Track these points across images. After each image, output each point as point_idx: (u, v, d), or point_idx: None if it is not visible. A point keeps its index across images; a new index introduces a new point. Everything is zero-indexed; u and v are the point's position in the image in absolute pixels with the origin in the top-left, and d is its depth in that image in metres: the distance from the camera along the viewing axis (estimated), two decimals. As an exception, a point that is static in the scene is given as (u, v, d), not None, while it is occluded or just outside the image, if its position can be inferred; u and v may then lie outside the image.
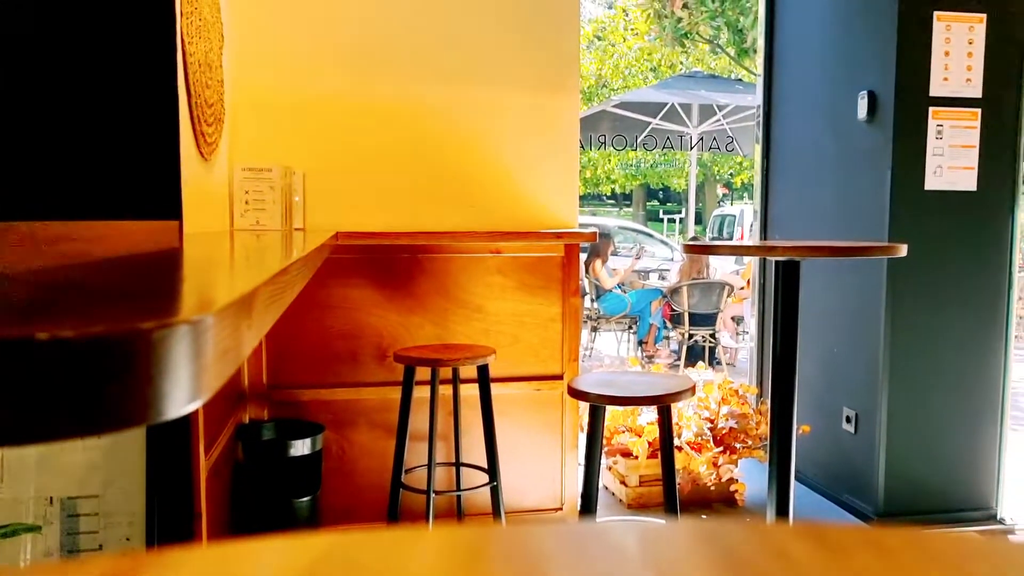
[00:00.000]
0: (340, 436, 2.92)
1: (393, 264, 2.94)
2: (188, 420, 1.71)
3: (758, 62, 4.08)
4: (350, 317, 2.92)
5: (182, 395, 0.32)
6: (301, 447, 2.58)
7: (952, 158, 3.09)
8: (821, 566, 0.19)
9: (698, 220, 21.21)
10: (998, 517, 3.24)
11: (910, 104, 3.06)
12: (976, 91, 3.08)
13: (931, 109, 3.06)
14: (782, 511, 2.29)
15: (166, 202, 1.56)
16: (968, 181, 3.11)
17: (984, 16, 3.06)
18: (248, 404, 2.85)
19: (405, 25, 2.95)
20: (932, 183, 3.09)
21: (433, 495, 2.59)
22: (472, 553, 0.19)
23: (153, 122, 1.58)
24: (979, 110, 3.09)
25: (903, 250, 2.15)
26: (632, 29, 15.20)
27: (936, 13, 3.04)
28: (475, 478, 2.88)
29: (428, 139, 2.99)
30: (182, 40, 1.66)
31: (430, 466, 2.57)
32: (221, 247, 1.33)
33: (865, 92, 3.17)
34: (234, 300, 0.38)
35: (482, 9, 3.00)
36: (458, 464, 2.94)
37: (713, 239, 15.82)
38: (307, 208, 2.83)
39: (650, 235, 13.16)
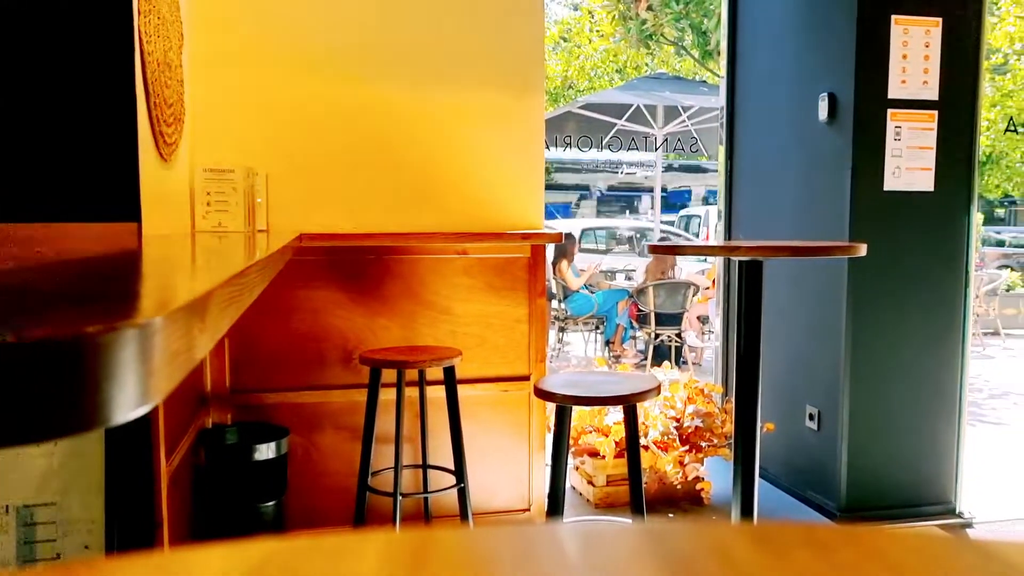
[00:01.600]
0: (306, 439, 2.89)
1: (359, 266, 2.92)
2: (148, 425, 1.69)
3: (721, 64, 4.12)
4: (315, 319, 2.89)
5: (130, 399, 0.31)
6: (266, 451, 2.55)
7: (910, 159, 3.15)
8: (761, 564, 0.19)
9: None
10: (957, 511, 3.31)
11: (869, 106, 3.11)
12: (933, 93, 3.15)
13: (890, 111, 3.12)
14: (747, 508, 2.31)
15: (124, 203, 1.53)
16: (926, 182, 3.17)
17: (940, 20, 3.13)
18: (211, 408, 2.81)
19: (368, 25, 2.94)
20: (891, 184, 3.14)
21: (400, 498, 2.57)
22: (414, 557, 0.19)
23: (111, 122, 1.55)
24: (936, 112, 3.15)
25: (863, 250, 2.18)
26: (598, 30, 15.28)
27: (894, 17, 3.09)
28: (443, 480, 2.87)
29: (393, 140, 2.98)
30: (140, 39, 1.63)
31: (397, 469, 2.56)
32: (180, 249, 1.31)
33: (825, 94, 3.22)
34: (185, 303, 0.37)
35: (447, 10, 2.99)
36: (425, 466, 2.93)
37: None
38: (271, 210, 2.80)
39: (615, 230, 13.26)
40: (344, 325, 2.91)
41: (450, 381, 2.64)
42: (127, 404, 0.31)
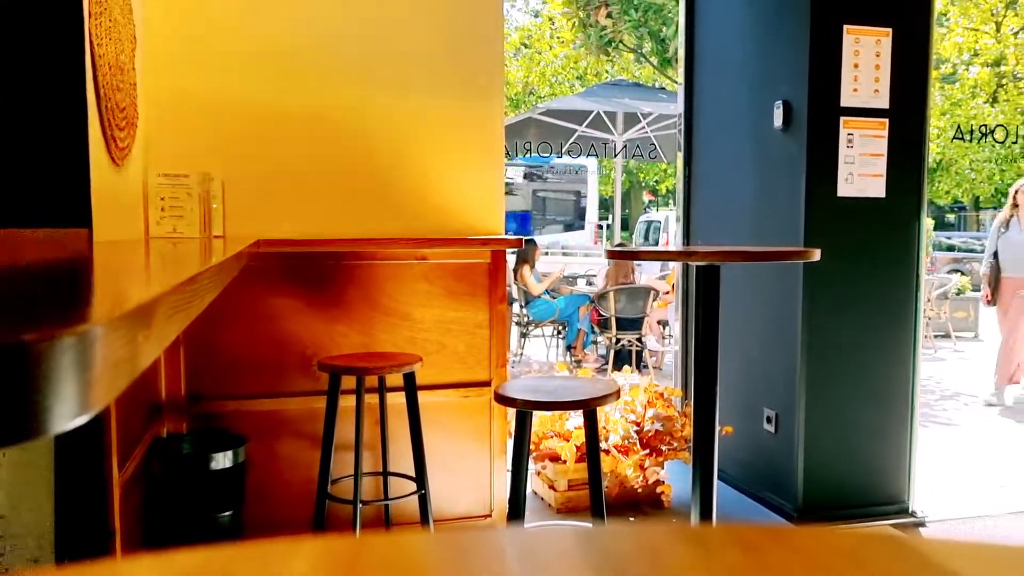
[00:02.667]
0: (264, 448, 2.86)
1: (317, 272, 2.89)
2: (100, 434, 1.65)
3: (679, 72, 4.17)
4: (273, 326, 2.86)
5: (69, 409, 0.31)
6: (222, 460, 2.52)
7: (862, 166, 3.21)
8: (690, 565, 0.19)
9: (625, 226, 21.53)
10: (910, 510, 3.37)
11: (822, 114, 3.17)
12: (884, 102, 3.22)
13: (842, 119, 3.18)
14: (705, 511, 2.33)
15: (74, 209, 1.50)
16: (877, 188, 3.24)
17: (890, 30, 3.20)
18: (166, 417, 2.76)
19: (326, 31, 2.92)
20: (844, 190, 3.21)
21: (360, 505, 2.55)
22: (347, 564, 0.19)
23: (60, 126, 1.52)
24: (887, 120, 3.23)
25: (817, 255, 2.22)
26: (558, 37, 15.37)
27: (846, 27, 3.16)
28: (403, 487, 2.85)
29: (352, 146, 2.96)
30: (91, 42, 1.60)
31: (357, 476, 2.54)
32: (130, 255, 1.28)
33: (780, 102, 3.27)
34: (128, 311, 0.37)
35: (405, 16, 2.99)
36: (386, 473, 2.91)
37: (640, 245, 16.09)
38: (227, 215, 2.76)
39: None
40: (303, 332, 2.88)
41: (410, 387, 2.63)
42: (66, 413, 0.31)
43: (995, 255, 5.85)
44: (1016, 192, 5.82)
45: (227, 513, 2.54)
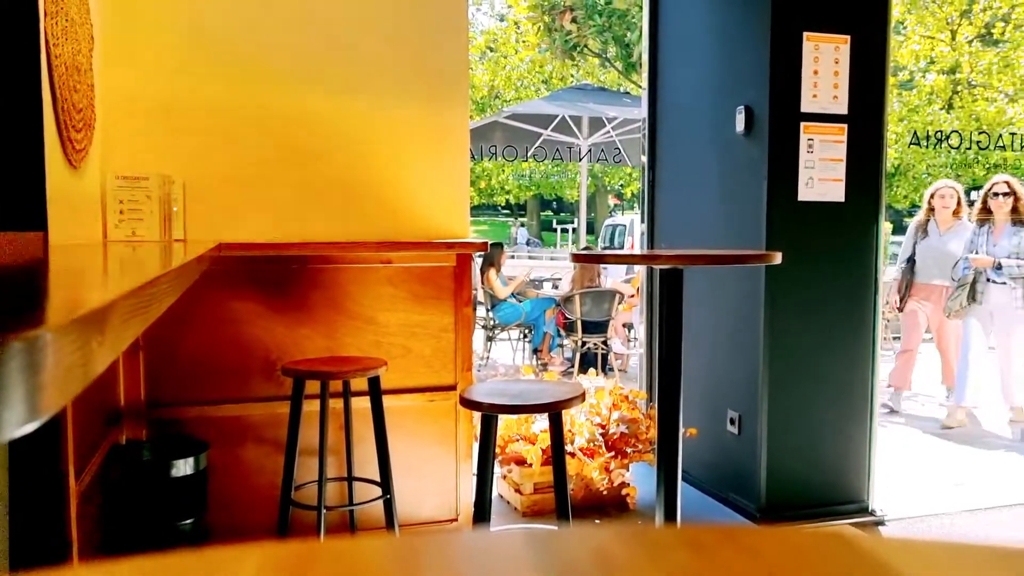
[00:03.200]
0: (227, 454, 2.82)
1: (281, 275, 2.87)
2: (56, 442, 1.62)
3: (643, 76, 4.20)
4: (236, 330, 2.83)
5: (18, 415, 0.30)
6: (183, 467, 2.48)
7: (822, 171, 3.26)
8: (638, 567, 0.19)
9: (591, 230, 21.65)
10: (869, 509, 3.43)
11: (783, 119, 3.21)
12: (843, 108, 3.27)
13: (803, 124, 3.23)
14: (670, 512, 2.35)
15: (29, 212, 1.47)
16: (837, 192, 3.30)
17: (848, 38, 3.26)
18: (125, 424, 2.72)
19: (289, 33, 2.90)
20: (805, 194, 3.26)
21: (324, 511, 2.53)
22: (295, 570, 0.19)
23: (15, 128, 1.49)
24: (846, 126, 3.28)
25: (778, 258, 2.25)
26: (523, 41, 15.41)
27: (806, 34, 3.21)
28: (369, 492, 2.84)
29: (316, 148, 2.94)
30: (47, 42, 1.57)
31: (321, 481, 2.51)
32: (87, 259, 1.26)
33: (742, 107, 3.32)
34: (79, 316, 0.36)
35: (369, 18, 2.98)
36: (350, 478, 2.89)
37: (605, 248, 16.17)
38: (188, 218, 2.73)
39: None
40: (266, 336, 2.85)
41: (375, 391, 2.61)
42: (15, 419, 0.30)
43: (909, 260, 5.58)
44: (931, 196, 5.55)
45: (188, 521, 2.50)
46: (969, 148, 16.08)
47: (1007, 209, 5.13)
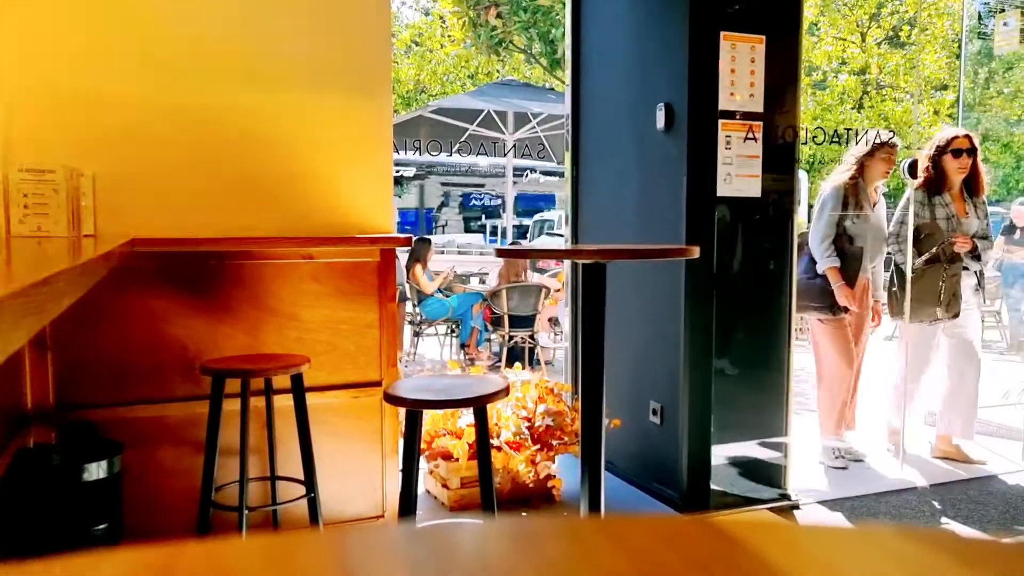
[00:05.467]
0: (143, 456, 2.73)
1: (199, 272, 2.79)
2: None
3: (566, 73, 4.24)
4: (151, 328, 2.74)
5: None
6: (96, 470, 2.39)
7: (739, 167, 3.35)
8: (512, 559, 0.20)
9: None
10: (786, 494, 3.55)
11: (701, 116, 3.29)
12: (758, 106, 3.37)
13: (720, 121, 3.31)
14: (594, 503, 2.39)
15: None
16: (754, 188, 3.39)
17: (763, 38, 3.35)
18: (34, 427, 2.61)
19: (206, 22, 2.82)
20: (723, 190, 3.34)
21: (246, 511, 2.48)
22: (159, 573, 0.19)
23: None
24: (761, 123, 3.38)
25: (696, 252, 2.31)
26: (449, 36, 15.35)
27: (722, 33, 3.29)
28: (293, 491, 2.79)
29: (235, 142, 2.87)
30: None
31: (242, 481, 2.46)
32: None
33: (663, 104, 3.38)
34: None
35: (289, 9, 2.92)
36: (273, 478, 2.84)
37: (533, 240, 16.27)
38: (101, 213, 2.63)
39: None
40: (183, 334, 2.77)
41: (298, 389, 2.57)
42: None
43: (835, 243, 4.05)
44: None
45: (102, 526, 2.42)
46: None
47: (964, 175, 4.00)
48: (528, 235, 18.25)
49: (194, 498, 2.63)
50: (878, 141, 4.05)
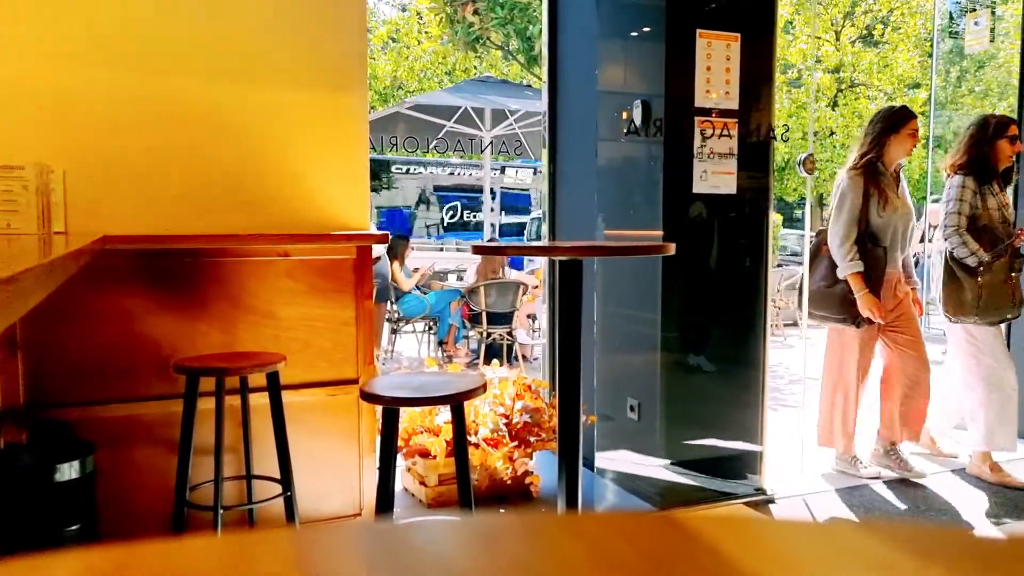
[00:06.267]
0: (117, 456, 2.70)
1: (173, 270, 2.76)
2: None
3: (543, 70, 4.24)
4: (126, 327, 2.71)
5: None
6: (68, 471, 2.36)
7: (715, 164, 3.38)
8: (470, 557, 0.20)
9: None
10: (761, 489, 3.58)
11: (678, 114, 3.31)
12: (734, 103, 3.39)
13: (696, 119, 3.33)
14: (571, 499, 2.39)
15: None
16: (729, 185, 3.42)
17: (739, 36, 3.38)
18: (3, 427, 2.57)
19: (179, 16, 2.79)
20: (699, 187, 3.36)
21: (221, 511, 2.46)
22: (113, 573, 0.19)
23: None
24: (737, 120, 3.40)
25: (672, 249, 2.32)
26: (426, 32, 15.30)
27: (699, 31, 3.31)
28: (269, 490, 2.78)
29: (209, 138, 2.84)
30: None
31: (217, 480, 2.45)
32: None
33: (639, 101, 3.39)
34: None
35: (262, 6, 2.89)
36: (249, 476, 2.82)
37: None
38: (72, 210, 2.59)
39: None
40: (157, 332, 2.74)
41: (274, 387, 2.56)
42: None
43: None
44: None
45: (75, 527, 2.39)
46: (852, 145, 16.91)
47: (1011, 163, 3.73)
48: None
49: (169, 498, 2.61)
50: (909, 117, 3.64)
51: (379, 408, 2.80)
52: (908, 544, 0.20)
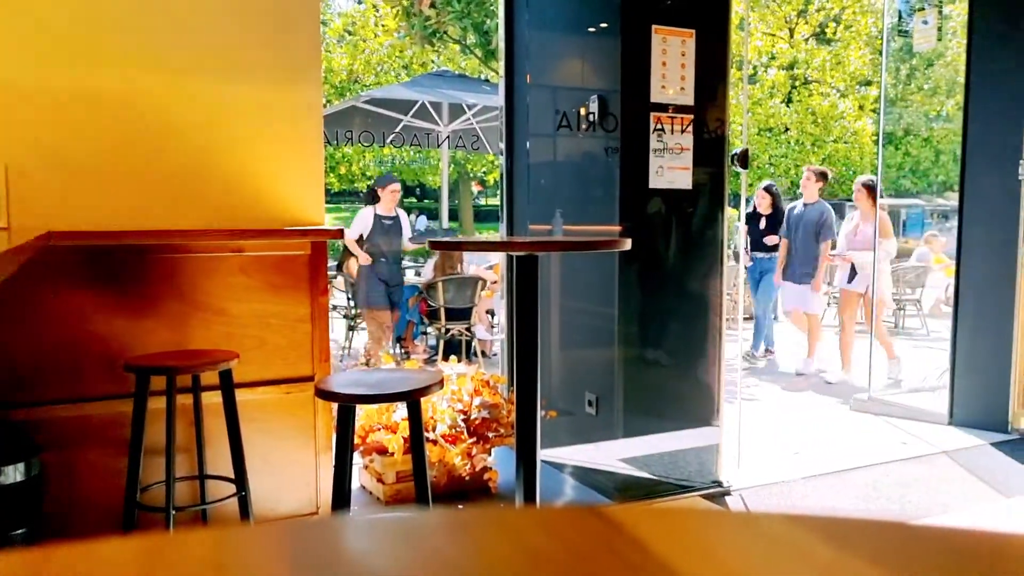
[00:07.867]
0: (64, 457, 2.64)
1: (121, 266, 2.70)
2: None
3: (500, 65, 4.23)
4: (71, 325, 2.64)
5: None
6: (12, 473, 2.30)
7: (671, 159, 3.40)
8: (393, 553, 0.19)
9: (454, 216, 21.67)
10: (718, 481, 3.63)
11: (634, 109, 3.32)
12: (689, 99, 3.42)
13: (652, 114, 3.35)
14: (529, 494, 2.40)
15: None
16: (685, 180, 3.45)
17: (694, 32, 3.40)
18: (-55, 430, 2.49)
19: (126, 8, 2.72)
20: (655, 182, 3.38)
21: (173, 512, 2.42)
22: (30, 574, 0.18)
23: None
24: (692, 116, 3.43)
25: (627, 244, 2.33)
26: (383, 25, 15.17)
27: (654, 27, 3.32)
28: (224, 490, 2.73)
29: (157, 131, 2.78)
30: None
31: (169, 481, 2.40)
32: None
33: (595, 96, 3.40)
34: None
35: (215, -5, 2.84)
36: (202, 476, 2.78)
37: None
38: (15, 206, 2.52)
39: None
40: (105, 330, 2.68)
41: (227, 385, 2.52)
42: None
43: None
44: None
45: (20, 531, 2.33)
46: (804, 142, 17.20)
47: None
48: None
49: (120, 499, 2.55)
50: None
51: (335, 405, 2.78)
52: (828, 533, 0.20)
